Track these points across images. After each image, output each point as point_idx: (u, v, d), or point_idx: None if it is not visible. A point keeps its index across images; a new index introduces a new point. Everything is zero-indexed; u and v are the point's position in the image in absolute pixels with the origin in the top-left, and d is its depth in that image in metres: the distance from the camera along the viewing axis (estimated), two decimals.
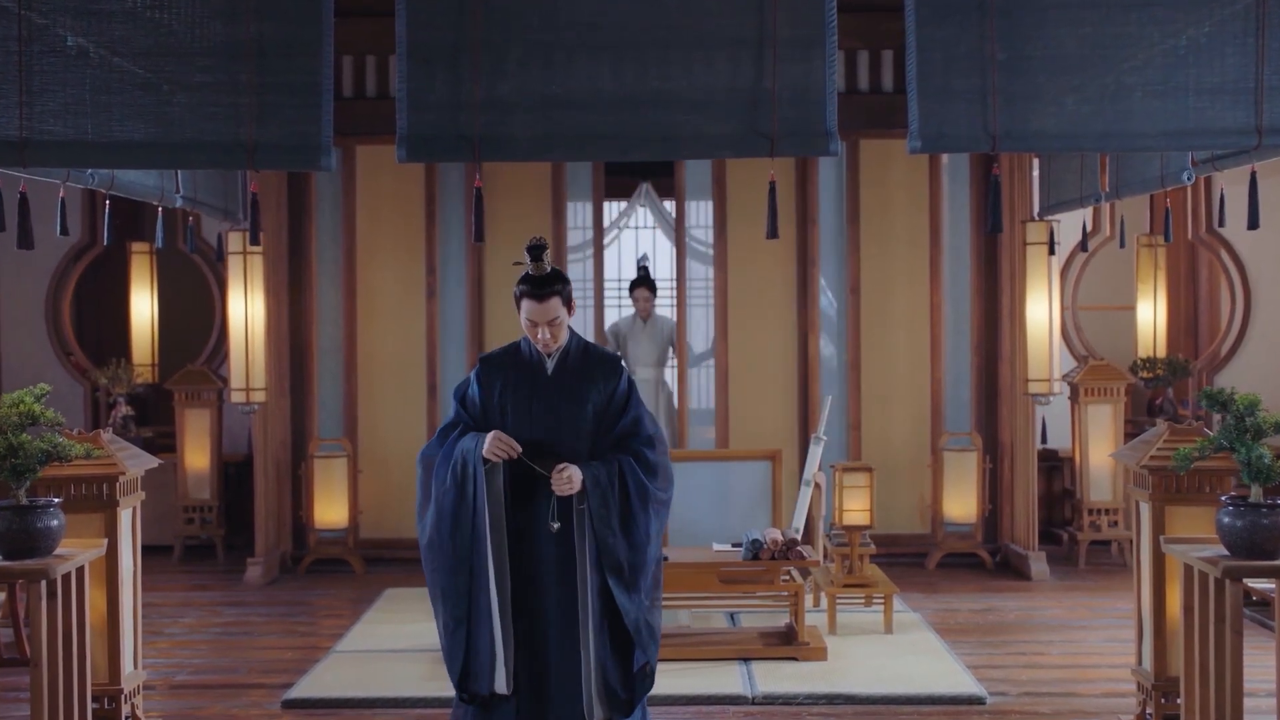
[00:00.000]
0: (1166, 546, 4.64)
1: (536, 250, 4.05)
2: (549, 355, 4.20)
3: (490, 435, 4.06)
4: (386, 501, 8.76)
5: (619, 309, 12.61)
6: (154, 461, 5.28)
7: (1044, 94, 3.93)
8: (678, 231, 9.04)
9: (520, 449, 4.06)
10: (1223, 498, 4.35)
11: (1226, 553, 4.29)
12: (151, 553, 8.73)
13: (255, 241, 4.25)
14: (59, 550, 4.45)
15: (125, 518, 5.04)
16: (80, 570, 4.56)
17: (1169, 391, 9.39)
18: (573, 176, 9.04)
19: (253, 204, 3.97)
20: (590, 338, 8.78)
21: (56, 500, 4.45)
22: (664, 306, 12.57)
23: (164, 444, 9.22)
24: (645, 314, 9.16)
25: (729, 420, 8.76)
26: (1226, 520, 4.26)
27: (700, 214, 12.06)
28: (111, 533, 4.90)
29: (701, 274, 11.58)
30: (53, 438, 4.47)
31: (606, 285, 12.62)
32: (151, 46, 3.94)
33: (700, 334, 12.50)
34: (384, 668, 6.14)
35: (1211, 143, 4.21)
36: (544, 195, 8.95)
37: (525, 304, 4.07)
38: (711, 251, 9.11)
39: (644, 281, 9.19)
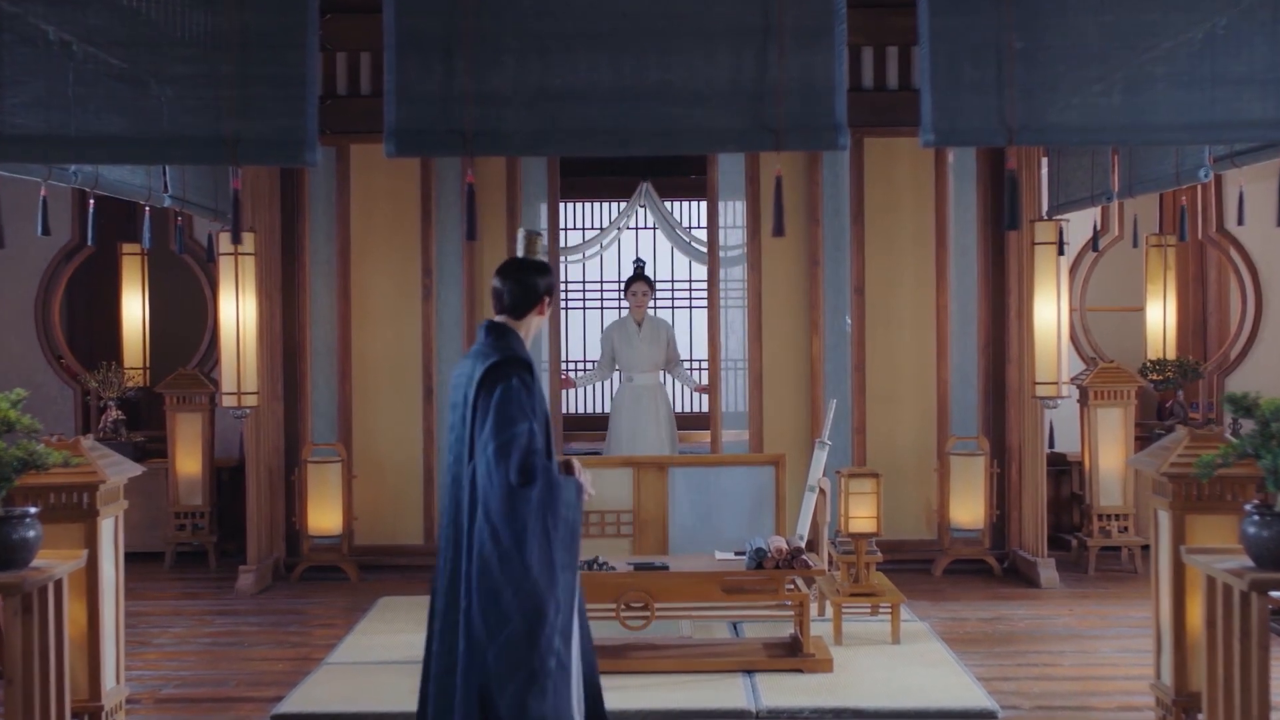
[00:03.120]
0: (1188, 557, 4.46)
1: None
2: None
3: (583, 484, 4.23)
4: (381, 507, 8.59)
5: (619, 312, 12.46)
6: (137, 469, 5.10)
7: (1063, 85, 3.75)
8: (710, 232, 8.78)
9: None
10: (1247, 506, 4.18)
11: (1252, 564, 4.13)
12: (142, 560, 8.64)
13: (237, 240, 4.09)
14: (36, 562, 4.29)
15: (107, 527, 4.86)
16: (59, 583, 4.39)
17: (1179, 394, 9.21)
18: (568, 175, 8.86)
19: (234, 201, 3.79)
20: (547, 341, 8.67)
21: (33, 510, 4.29)
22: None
23: (155, 449, 9.08)
24: (640, 313, 8.78)
25: (763, 423, 8.57)
26: (1252, 530, 4.09)
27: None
28: (92, 543, 4.72)
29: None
30: (30, 445, 4.32)
31: (606, 286, 12.50)
32: (128, 36, 3.76)
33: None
34: (377, 680, 5.96)
35: (1238, 135, 4.03)
36: (542, 193, 8.77)
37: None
38: (732, 253, 8.87)
39: (641, 277, 8.88)
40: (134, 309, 10.03)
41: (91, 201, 5.84)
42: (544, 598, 4.03)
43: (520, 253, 4.34)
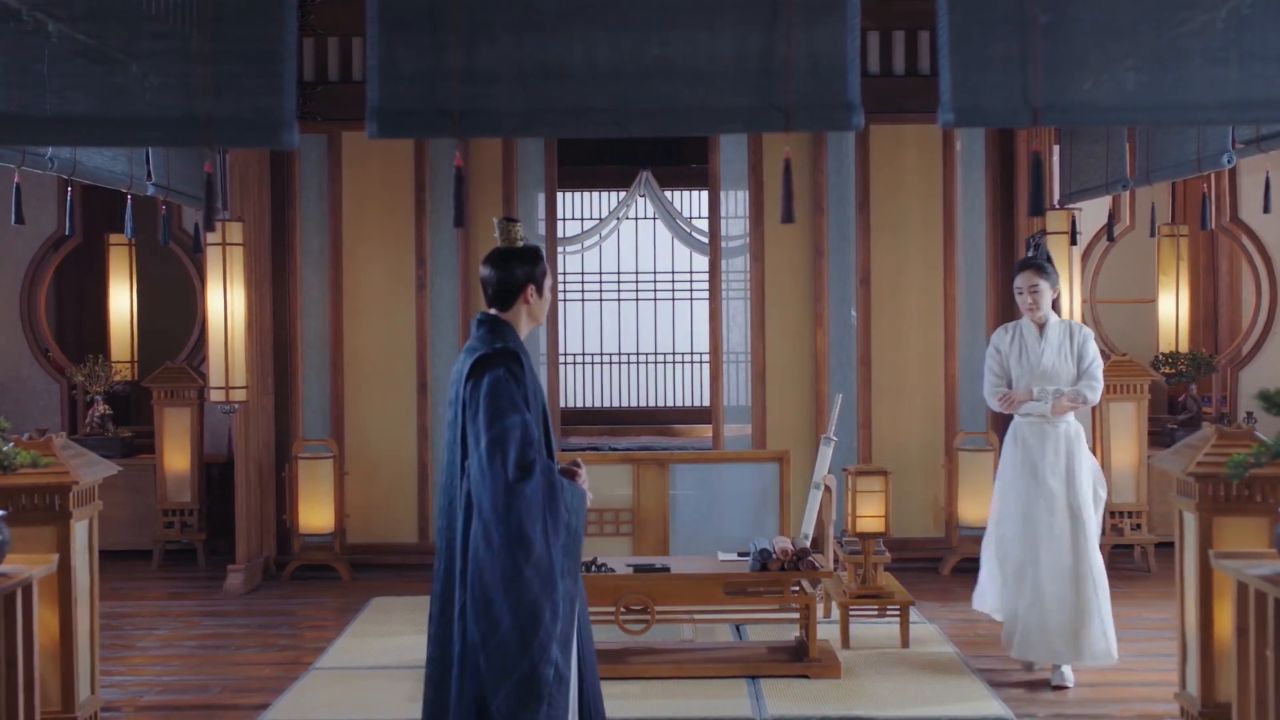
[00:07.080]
0: (1217, 562, 4.24)
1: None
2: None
3: (584, 490, 4.01)
4: (374, 505, 8.37)
5: (618, 304, 12.25)
6: (112, 469, 4.88)
7: (1091, 61, 3.50)
8: (712, 222, 8.52)
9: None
10: None
11: None
12: (130, 558, 8.45)
13: (209, 227, 3.87)
14: (4, 567, 4.08)
15: (80, 530, 4.64)
16: (28, 588, 4.17)
17: (1192, 388, 8.99)
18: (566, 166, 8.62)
19: (205, 185, 3.56)
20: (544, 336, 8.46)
21: (2, 512, 4.07)
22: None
23: (144, 444, 8.87)
24: (1033, 311, 5.98)
25: (765, 419, 8.34)
26: None
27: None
28: (64, 547, 4.52)
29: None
30: None
31: (605, 278, 12.27)
32: (93, 8, 3.51)
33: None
34: (367, 686, 5.75)
35: (1277, 115, 3.80)
36: (539, 181, 8.54)
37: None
38: (734, 244, 8.63)
39: (1030, 264, 6.00)
40: (122, 301, 9.80)
41: (70, 190, 5.63)
42: (539, 602, 3.83)
43: (500, 242, 4.14)
